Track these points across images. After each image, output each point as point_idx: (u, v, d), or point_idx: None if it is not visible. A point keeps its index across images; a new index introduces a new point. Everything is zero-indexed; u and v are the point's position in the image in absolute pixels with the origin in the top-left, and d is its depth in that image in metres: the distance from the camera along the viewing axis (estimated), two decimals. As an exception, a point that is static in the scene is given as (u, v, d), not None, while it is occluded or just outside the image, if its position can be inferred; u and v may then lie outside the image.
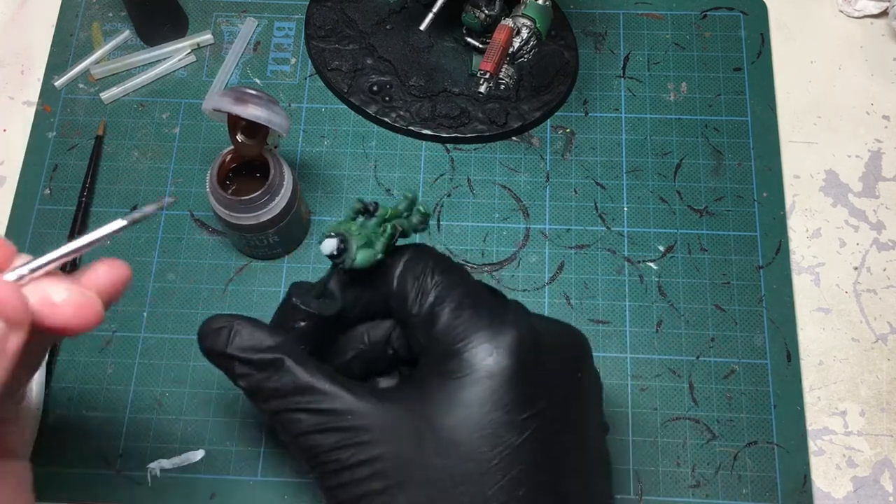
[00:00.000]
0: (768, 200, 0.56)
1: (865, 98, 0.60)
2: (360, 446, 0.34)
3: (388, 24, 0.60)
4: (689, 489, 0.49)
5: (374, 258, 0.37)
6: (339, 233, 0.37)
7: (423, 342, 0.36)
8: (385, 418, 0.34)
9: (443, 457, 0.33)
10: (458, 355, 0.34)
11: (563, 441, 0.35)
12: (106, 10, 0.62)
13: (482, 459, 0.33)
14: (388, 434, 0.34)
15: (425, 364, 0.36)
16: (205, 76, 0.60)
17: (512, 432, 0.33)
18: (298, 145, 0.58)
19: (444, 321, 0.35)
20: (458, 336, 0.35)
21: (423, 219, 0.39)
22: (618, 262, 0.55)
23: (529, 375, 0.34)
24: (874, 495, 0.49)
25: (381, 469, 0.33)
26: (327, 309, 0.37)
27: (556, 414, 0.35)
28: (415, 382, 0.36)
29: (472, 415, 0.33)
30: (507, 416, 0.33)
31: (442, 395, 0.34)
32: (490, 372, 0.34)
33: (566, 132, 0.58)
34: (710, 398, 0.51)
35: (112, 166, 0.57)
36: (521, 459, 0.33)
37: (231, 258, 0.55)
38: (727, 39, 0.61)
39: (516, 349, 0.34)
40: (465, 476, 0.33)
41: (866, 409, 0.51)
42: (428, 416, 0.34)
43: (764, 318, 0.53)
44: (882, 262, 0.55)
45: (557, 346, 0.36)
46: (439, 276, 0.36)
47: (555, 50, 0.59)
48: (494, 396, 0.34)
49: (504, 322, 0.35)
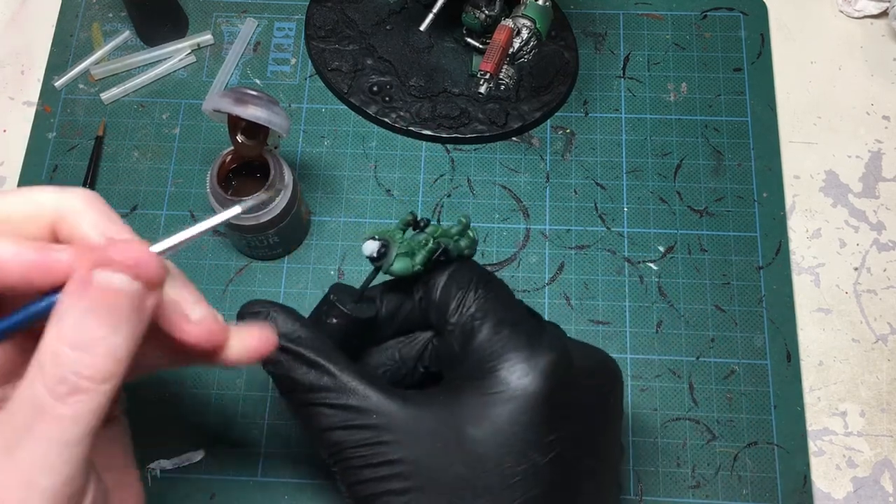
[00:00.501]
0: (768, 201, 0.56)
1: (865, 98, 0.60)
2: (383, 446, 0.34)
3: (388, 24, 0.60)
4: (689, 490, 0.49)
5: (412, 269, 0.37)
6: (382, 237, 0.37)
7: (458, 353, 0.36)
8: (410, 422, 0.34)
9: (467, 467, 0.34)
10: (493, 371, 0.35)
11: (585, 465, 0.36)
12: (106, 11, 0.62)
13: (505, 475, 0.34)
14: (412, 437, 0.34)
15: (458, 375, 0.36)
16: (205, 76, 0.60)
17: (538, 452, 0.34)
18: (298, 145, 0.58)
19: (483, 336, 0.36)
20: (496, 353, 0.35)
21: (471, 244, 0.39)
22: (618, 263, 0.55)
23: (561, 399, 0.35)
24: (874, 496, 0.49)
25: (402, 471, 0.34)
26: (362, 312, 0.38)
27: (582, 438, 0.36)
28: (446, 391, 0.36)
29: (502, 431, 0.34)
30: (535, 436, 0.34)
31: (473, 408, 0.35)
32: (525, 392, 0.34)
33: (566, 132, 0.58)
34: (710, 399, 0.51)
35: (112, 167, 0.57)
36: (543, 479, 0.34)
37: (231, 258, 0.55)
38: (727, 40, 0.61)
39: (551, 373, 0.35)
40: (486, 489, 0.34)
41: (866, 409, 0.51)
42: (456, 426, 0.34)
43: (764, 318, 0.53)
44: (882, 262, 0.55)
45: (590, 372, 0.37)
46: (482, 289, 0.37)
47: (555, 50, 0.59)
48: (525, 416, 0.34)
49: (541, 344, 0.35)
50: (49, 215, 0.29)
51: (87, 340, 0.26)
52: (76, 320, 0.26)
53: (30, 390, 0.26)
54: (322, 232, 0.56)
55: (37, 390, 0.26)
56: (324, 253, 0.55)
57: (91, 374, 0.26)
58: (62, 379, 0.26)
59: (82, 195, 0.29)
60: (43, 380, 0.26)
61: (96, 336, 0.26)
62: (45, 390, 0.26)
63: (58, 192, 0.29)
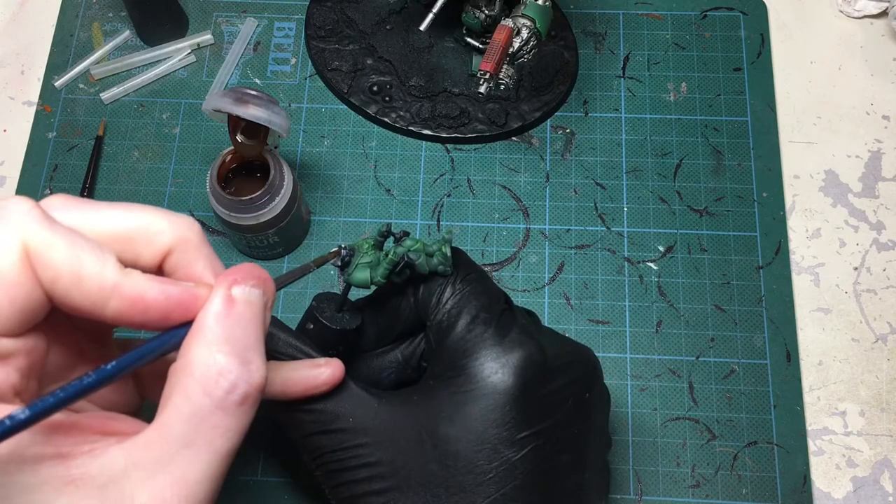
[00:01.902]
0: (768, 200, 0.56)
1: (865, 98, 0.60)
2: (360, 448, 0.34)
3: (388, 24, 0.60)
4: (688, 489, 0.49)
5: (371, 280, 0.37)
6: (349, 246, 0.38)
7: (435, 350, 0.37)
8: (386, 423, 0.35)
9: (440, 466, 0.34)
10: (465, 369, 0.35)
11: (561, 461, 0.36)
12: (106, 10, 0.62)
13: (478, 472, 0.34)
14: (387, 438, 0.34)
15: (433, 373, 0.37)
16: (205, 76, 0.60)
17: (510, 449, 0.34)
18: (298, 145, 0.58)
19: (457, 332, 0.36)
20: (468, 350, 0.35)
21: (443, 260, 0.38)
22: (618, 263, 0.55)
23: (533, 395, 0.35)
24: (874, 495, 0.49)
25: (380, 473, 0.34)
26: (341, 323, 0.38)
27: (558, 434, 0.36)
28: (421, 390, 0.36)
29: (473, 428, 0.34)
30: (506, 433, 0.34)
31: (445, 406, 0.35)
32: (494, 389, 0.34)
33: (566, 132, 0.58)
34: (709, 398, 0.51)
35: (112, 166, 0.57)
36: (516, 476, 0.34)
37: (231, 258, 0.55)
38: (727, 39, 0.61)
39: (522, 369, 0.35)
40: (460, 486, 0.34)
41: (866, 409, 0.51)
42: (429, 425, 0.35)
43: (764, 318, 0.53)
44: (882, 262, 0.55)
45: (565, 366, 0.37)
46: (461, 284, 0.37)
47: (555, 50, 0.59)
48: (496, 413, 0.34)
49: (513, 340, 0.35)
50: (167, 244, 0.29)
51: (242, 350, 0.27)
52: (229, 333, 0.27)
53: (188, 404, 0.26)
54: (322, 232, 0.56)
55: (199, 402, 0.26)
56: (323, 253, 0.55)
57: (257, 380, 0.27)
58: (232, 388, 0.26)
59: (195, 228, 0.30)
60: (206, 391, 0.26)
61: (248, 344, 0.27)
62: (211, 402, 0.26)
63: (172, 222, 0.29)
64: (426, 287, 0.38)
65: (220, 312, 0.27)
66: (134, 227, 0.28)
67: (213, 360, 0.26)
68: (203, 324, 0.27)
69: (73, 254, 0.26)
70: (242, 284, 0.28)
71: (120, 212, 0.29)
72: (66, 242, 0.26)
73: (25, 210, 0.26)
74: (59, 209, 0.28)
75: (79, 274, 0.26)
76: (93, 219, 0.28)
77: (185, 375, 0.27)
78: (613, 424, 0.50)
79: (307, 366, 0.35)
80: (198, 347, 0.27)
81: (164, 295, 0.27)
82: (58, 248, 0.26)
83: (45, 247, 0.26)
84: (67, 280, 0.26)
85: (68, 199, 0.28)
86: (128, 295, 0.27)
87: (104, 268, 0.26)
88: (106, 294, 0.27)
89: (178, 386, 0.27)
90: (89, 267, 0.26)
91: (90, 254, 0.26)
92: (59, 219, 0.27)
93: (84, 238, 0.27)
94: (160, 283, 0.27)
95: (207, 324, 0.27)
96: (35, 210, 0.26)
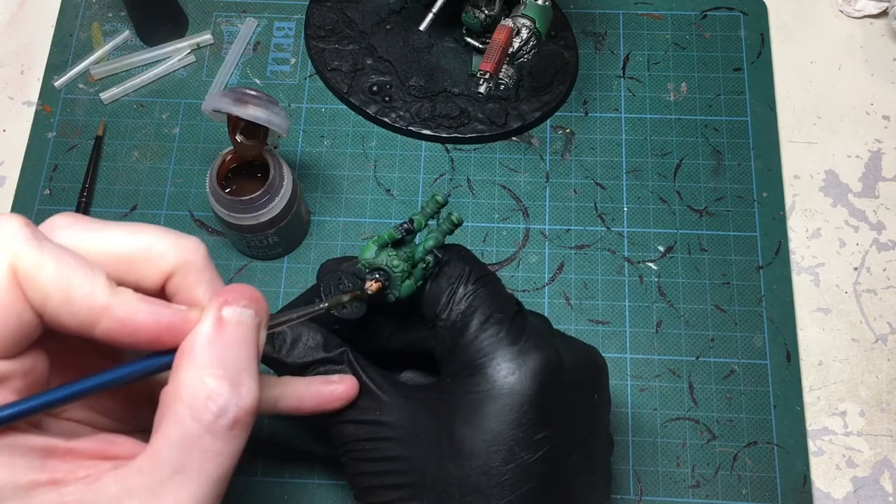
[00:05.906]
0: (768, 200, 0.56)
1: (865, 98, 0.60)
2: (384, 441, 0.35)
3: (388, 24, 0.60)
4: (688, 489, 0.49)
5: (415, 286, 0.38)
6: (381, 269, 0.37)
7: (449, 348, 0.37)
8: (409, 419, 0.35)
9: (457, 465, 0.34)
10: (481, 369, 0.35)
11: (573, 462, 0.36)
12: (106, 10, 0.62)
13: (494, 473, 0.34)
14: (409, 435, 0.35)
15: (450, 372, 0.37)
16: (205, 76, 0.60)
17: (526, 451, 0.34)
18: (298, 145, 0.58)
19: (472, 332, 0.36)
20: (484, 350, 0.35)
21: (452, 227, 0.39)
22: (617, 263, 0.55)
23: (548, 397, 0.35)
24: (874, 495, 0.49)
25: (400, 468, 0.35)
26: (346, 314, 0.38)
27: (570, 435, 0.36)
28: (438, 388, 0.37)
29: (490, 429, 0.34)
30: (522, 435, 0.34)
31: (463, 406, 0.35)
32: (511, 390, 0.34)
33: (566, 132, 0.58)
34: (709, 398, 0.51)
35: (112, 166, 0.57)
36: (531, 478, 0.34)
37: (231, 258, 0.55)
38: (727, 39, 0.61)
39: (539, 371, 0.35)
40: (475, 487, 0.34)
41: (866, 409, 0.51)
42: (447, 425, 0.35)
43: (764, 318, 0.53)
44: (882, 262, 0.55)
45: (577, 368, 0.37)
46: (473, 284, 0.37)
47: (555, 50, 0.59)
48: (513, 415, 0.34)
49: (529, 342, 0.35)
50: (168, 267, 0.29)
51: (232, 373, 0.27)
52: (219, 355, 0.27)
53: (177, 429, 0.26)
54: (322, 232, 0.56)
55: (188, 427, 0.26)
56: (324, 253, 0.55)
57: (248, 404, 0.26)
58: (221, 412, 0.26)
59: (201, 251, 0.29)
60: (195, 416, 0.26)
61: (239, 367, 0.27)
62: (200, 426, 0.26)
63: (177, 244, 0.29)
64: (434, 285, 0.38)
65: (210, 334, 0.27)
66: (136, 249, 0.28)
67: (201, 383, 0.26)
68: (192, 346, 0.27)
69: (62, 274, 0.26)
70: (234, 305, 0.28)
71: (123, 233, 0.28)
72: (55, 262, 0.26)
73: (14, 230, 0.26)
74: (62, 229, 0.28)
75: (68, 294, 0.26)
76: (95, 239, 0.28)
77: (175, 400, 0.26)
78: (613, 424, 0.50)
79: (320, 382, 0.35)
80: (187, 371, 0.26)
81: (153, 318, 0.27)
82: (46, 268, 0.26)
83: (34, 267, 0.25)
84: (57, 300, 0.26)
85: (73, 218, 0.28)
86: (117, 316, 0.26)
87: (94, 288, 0.26)
88: (95, 315, 0.26)
89: (168, 410, 0.26)
90: (78, 287, 0.26)
91: (79, 273, 0.26)
92: (62, 238, 0.27)
93: (74, 257, 0.26)
94: (150, 305, 0.27)
95: (197, 346, 0.27)
96: (24, 229, 0.26)
